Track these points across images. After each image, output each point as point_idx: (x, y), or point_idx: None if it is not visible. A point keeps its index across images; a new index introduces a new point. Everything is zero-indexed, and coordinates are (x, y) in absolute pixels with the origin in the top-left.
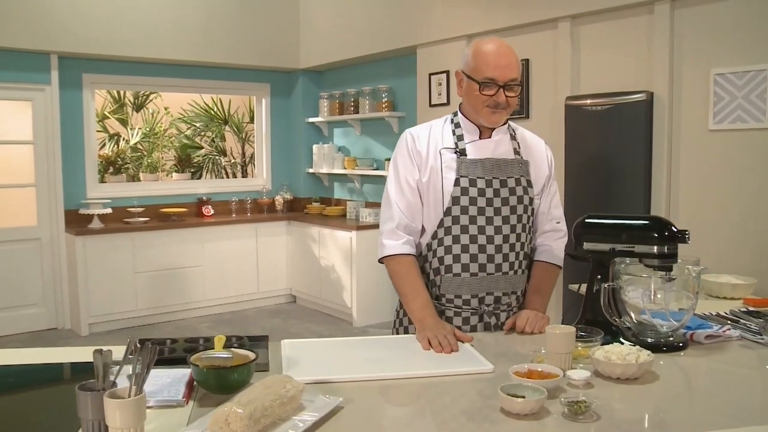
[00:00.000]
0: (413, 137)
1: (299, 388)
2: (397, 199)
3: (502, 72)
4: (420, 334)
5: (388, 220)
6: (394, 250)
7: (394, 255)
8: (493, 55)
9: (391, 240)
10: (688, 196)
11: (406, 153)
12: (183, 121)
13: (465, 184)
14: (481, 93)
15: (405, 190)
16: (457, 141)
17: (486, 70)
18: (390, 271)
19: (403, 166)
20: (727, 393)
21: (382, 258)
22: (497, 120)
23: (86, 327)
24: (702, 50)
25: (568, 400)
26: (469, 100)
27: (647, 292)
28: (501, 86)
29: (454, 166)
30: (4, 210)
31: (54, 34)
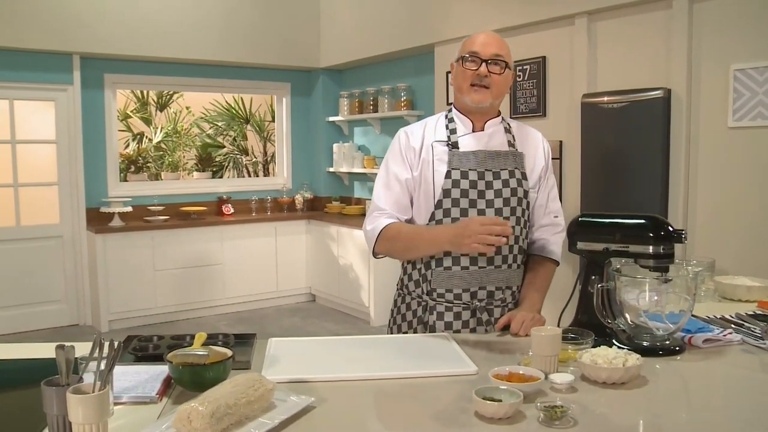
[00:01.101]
0: (407, 135)
1: (268, 387)
2: (384, 195)
3: (484, 47)
4: (465, 248)
5: (373, 212)
6: (379, 226)
7: (380, 231)
8: (477, 35)
9: (372, 224)
10: (706, 196)
11: (398, 151)
12: (205, 120)
13: (456, 176)
14: (465, 68)
15: (393, 186)
16: (449, 134)
17: (469, 47)
18: (386, 247)
19: (394, 163)
20: (718, 400)
21: (374, 246)
22: (481, 98)
23: (106, 323)
24: (721, 45)
25: (544, 405)
26: (456, 83)
27: (642, 294)
28: (484, 60)
29: (446, 158)
30: (28, 208)
31: (76, 35)
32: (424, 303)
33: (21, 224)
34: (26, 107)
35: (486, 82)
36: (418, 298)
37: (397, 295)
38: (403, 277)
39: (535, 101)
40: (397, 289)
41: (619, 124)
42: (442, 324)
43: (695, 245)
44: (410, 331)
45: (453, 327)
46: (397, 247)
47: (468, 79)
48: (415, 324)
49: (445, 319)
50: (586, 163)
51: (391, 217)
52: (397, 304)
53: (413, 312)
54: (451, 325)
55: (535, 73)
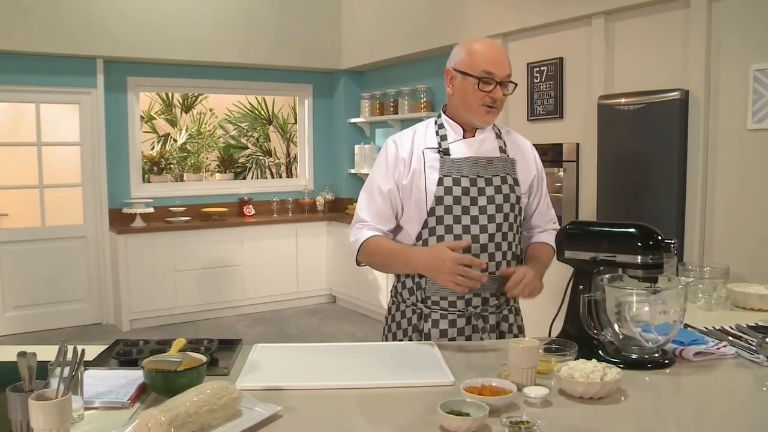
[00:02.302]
0: (396, 144)
1: (234, 395)
2: (366, 206)
3: (500, 67)
4: (439, 281)
5: (356, 223)
6: (361, 238)
7: (361, 244)
8: (489, 50)
9: (354, 235)
10: (724, 199)
11: (383, 161)
12: (228, 121)
13: (449, 183)
14: (479, 89)
15: (375, 197)
16: (440, 141)
17: (483, 64)
18: (366, 260)
19: (378, 173)
20: (698, 417)
21: (357, 257)
22: (491, 120)
23: (127, 323)
24: (740, 45)
25: (510, 420)
26: (463, 98)
27: (629, 305)
28: (498, 83)
29: (437, 165)
30: (53, 209)
31: (99, 39)
32: (418, 311)
33: (46, 225)
34: (51, 110)
35: (497, 104)
36: (412, 306)
37: (391, 303)
38: (397, 285)
39: (552, 103)
40: (391, 296)
41: (636, 126)
42: (437, 332)
43: (713, 251)
44: (405, 338)
45: (448, 335)
46: (376, 261)
47: (480, 100)
48: (410, 332)
49: (440, 326)
50: (602, 165)
51: (372, 229)
52: (392, 311)
53: (408, 320)
54: (446, 332)
55: (552, 74)
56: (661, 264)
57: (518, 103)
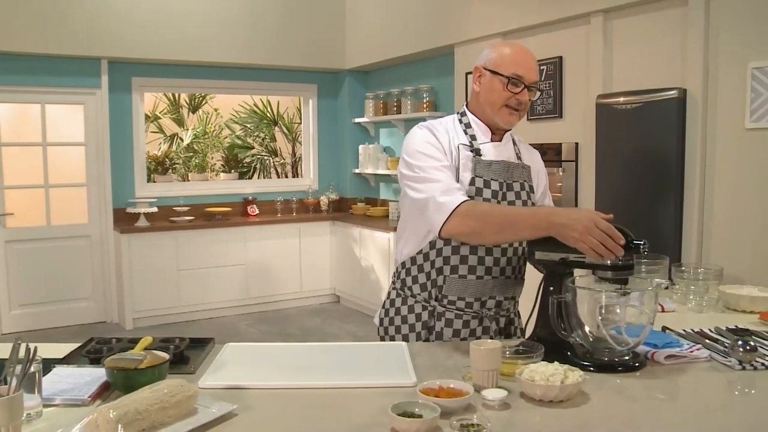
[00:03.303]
0: (430, 130)
1: (188, 393)
2: (437, 174)
3: (530, 72)
4: (571, 240)
5: (432, 187)
6: (458, 198)
7: (460, 204)
8: (521, 53)
9: (448, 195)
10: (722, 199)
11: (426, 143)
12: (234, 121)
13: (480, 184)
14: (507, 89)
15: (440, 171)
16: (471, 140)
17: (514, 67)
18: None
19: (429, 152)
20: (656, 420)
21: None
22: (513, 122)
23: (131, 321)
24: (739, 42)
25: (460, 423)
26: (489, 97)
27: (599, 307)
28: (526, 86)
29: (470, 165)
30: (58, 208)
31: (104, 40)
32: (430, 308)
33: (51, 224)
34: (56, 111)
35: (522, 107)
36: (423, 302)
37: (395, 294)
38: (405, 278)
39: (552, 102)
40: (396, 288)
41: (634, 125)
42: (450, 331)
43: (711, 251)
44: (412, 334)
45: (461, 335)
46: (490, 224)
47: (505, 99)
48: (419, 328)
49: (454, 326)
50: (600, 165)
51: (464, 194)
52: (395, 303)
53: (417, 315)
54: (459, 332)
55: (551, 73)
56: (632, 265)
57: None
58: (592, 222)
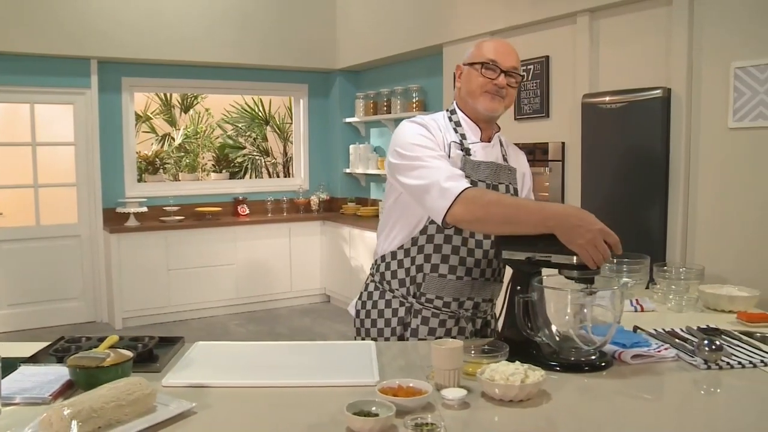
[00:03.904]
0: (422, 125)
1: (146, 391)
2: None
3: (504, 57)
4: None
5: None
6: (463, 184)
7: (466, 188)
8: (495, 42)
9: (452, 181)
10: (706, 199)
11: (422, 134)
12: (226, 121)
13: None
14: (483, 75)
15: (437, 159)
16: (461, 139)
17: (488, 53)
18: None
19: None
20: (618, 419)
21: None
22: (495, 107)
23: (120, 321)
24: (722, 42)
25: (414, 422)
26: (468, 87)
27: (564, 306)
28: (503, 71)
29: (459, 164)
30: (48, 208)
31: (93, 40)
32: (408, 305)
33: (41, 224)
34: (46, 110)
35: (502, 93)
36: (401, 298)
37: (373, 287)
38: (384, 272)
39: (539, 102)
40: (374, 281)
41: (619, 125)
42: (426, 329)
43: (695, 250)
44: (387, 329)
45: (436, 333)
46: (496, 214)
47: (483, 86)
48: (394, 324)
49: (430, 324)
50: (586, 164)
51: (468, 181)
52: (373, 297)
53: (393, 311)
54: (435, 331)
55: (538, 73)
56: (598, 267)
57: None
58: (603, 234)
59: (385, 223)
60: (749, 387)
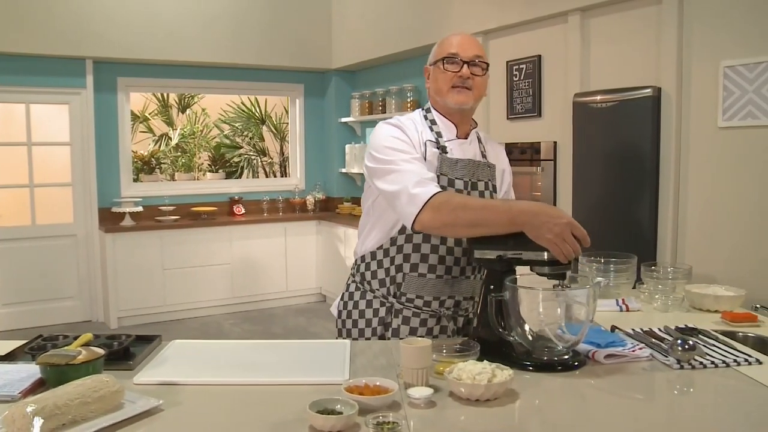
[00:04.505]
0: (397, 126)
1: (113, 388)
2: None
3: (464, 48)
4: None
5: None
6: (431, 190)
7: (434, 194)
8: (454, 36)
9: (421, 187)
10: (696, 198)
11: (393, 137)
12: (223, 121)
13: (444, 182)
14: (445, 69)
15: (410, 163)
16: (437, 137)
17: (447, 48)
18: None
19: (401, 145)
20: (583, 419)
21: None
22: (463, 100)
23: (115, 320)
24: (711, 41)
25: (375, 421)
26: (435, 85)
27: (536, 305)
28: (465, 62)
29: (435, 163)
30: (43, 208)
31: (89, 40)
32: (388, 305)
33: (36, 223)
34: (41, 110)
35: (468, 83)
36: (382, 298)
37: (354, 288)
38: (365, 272)
39: (531, 101)
40: (355, 281)
41: (610, 124)
42: (407, 329)
43: (686, 250)
44: (368, 329)
45: (417, 333)
46: (463, 218)
47: (449, 81)
48: (375, 324)
49: (411, 324)
50: (577, 164)
51: (437, 185)
52: (354, 297)
53: (374, 311)
54: (416, 331)
55: (531, 72)
56: (569, 261)
57: (498, 102)
58: (570, 227)
59: (365, 223)
60: (720, 386)
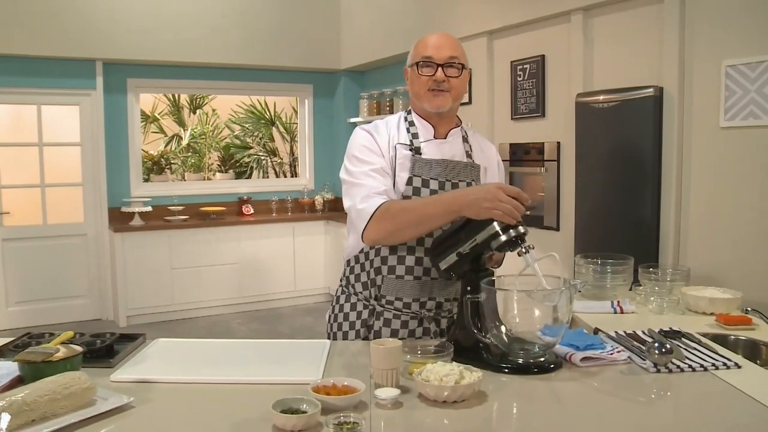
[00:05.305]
0: (369, 132)
1: (84, 385)
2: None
3: (438, 51)
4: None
5: (356, 193)
6: (374, 203)
7: (378, 207)
8: (428, 38)
9: (365, 202)
10: (698, 198)
11: (362, 147)
12: (233, 122)
13: (418, 183)
14: (421, 74)
15: (375, 175)
16: (411, 139)
17: (422, 51)
18: (386, 228)
19: (363, 156)
20: (546, 423)
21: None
22: (440, 104)
23: (124, 319)
24: (713, 40)
25: (336, 420)
26: (413, 89)
27: (510, 306)
28: (440, 65)
29: (408, 164)
30: (54, 207)
31: (98, 42)
32: (370, 307)
33: (48, 223)
34: (52, 111)
35: (444, 86)
36: (365, 301)
37: (340, 291)
38: (350, 276)
39: (535, 101)
40: (341, 285)
41: (612, 124)
42: (388, 331)
43: (687, 249)
44: (351, 331)
45: (399, 335)
46: (406, 219)
47: (425, 85)
48: (359, 326)
49: (392, 326)
50: (580, 164)
51: (382, 196)
52: (340, 301)
53: (358, 313)
54: (398, 333)
55: (534, 72)
56: (523, 233)
57: (502, 102)
58: (500, 190)
59: (349, 228)
60: (694, 391)
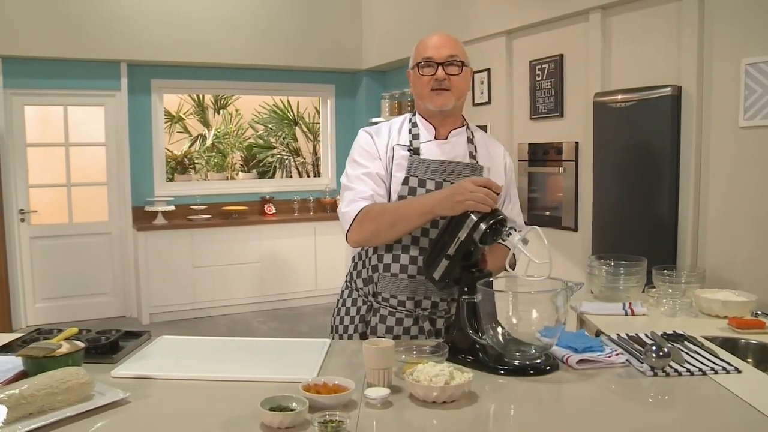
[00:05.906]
0: (370, 134)
1: (81, 380)
2: (355, 184)
3: (438, 50)
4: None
5: (345, 197)
6: (357, 207)
7: (359, 212)
8: (428, 39)
9: (350, 206)
10: (717, 198)
11: (362, 150)
12: (257, 122)
13: (414, 183)
14: (422, 74)
15: (367, 180)
16: (411, 139)
17: (423, 52)
18: (367, 230)
19: (362, 160)
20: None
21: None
22: (443, 102)
23: (147, 316)
24: (733, 38)
25: (321, 419)
26: (416, 90)
27: (506, 307)
28: (440, 64)
29: (405, 164)
30: (80, 206)
31: (123, 44)
32: (368, 303)
33: (73, 221)
34: (79, 112)
35: (445, 85)
36: (364, 297)
37: (345, 287)
38: (353, 272)
39: (553, 101)
40: (346, 281)
41: (630, 123)
42: (384, 327)
43: (706, 250)
44: (351, 326)
45: (394, 332)
46: (384, 221)
47: (427, 85)
48: (357, 321)
49: (388, 323)
50: (598, 164)
51: (367, 199)
52: (344, 296)
53: (357, 309)
54: (392, 330)
55: (553, 71)
56: (503, 219)
57: (521, 102)
58: (470, 182)
59: None
60: (689, 395)
